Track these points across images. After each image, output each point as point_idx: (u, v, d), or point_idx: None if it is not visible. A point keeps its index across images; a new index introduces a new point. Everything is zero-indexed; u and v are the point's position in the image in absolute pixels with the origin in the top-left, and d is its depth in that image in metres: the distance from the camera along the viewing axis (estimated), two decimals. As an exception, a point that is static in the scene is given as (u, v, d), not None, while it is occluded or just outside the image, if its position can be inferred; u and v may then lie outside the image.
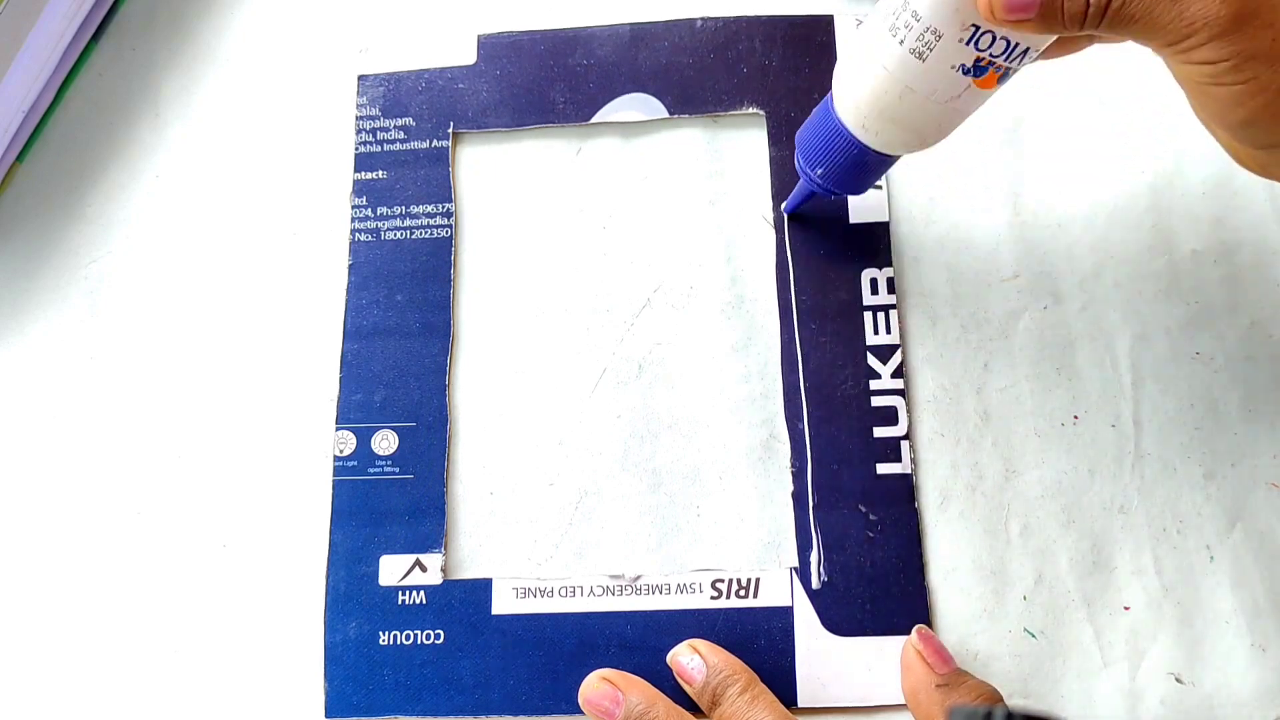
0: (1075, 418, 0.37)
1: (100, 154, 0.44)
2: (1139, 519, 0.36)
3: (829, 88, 0.32)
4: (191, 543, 0.39)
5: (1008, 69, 0.29)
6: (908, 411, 0.37)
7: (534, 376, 0.40)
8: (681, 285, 0.40)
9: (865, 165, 0.33)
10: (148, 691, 0.37)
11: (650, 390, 0.39)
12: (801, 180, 0.36)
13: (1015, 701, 0.34)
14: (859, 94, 0.31)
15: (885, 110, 0.31)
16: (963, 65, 0.29)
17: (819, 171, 0.34)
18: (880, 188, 0.40)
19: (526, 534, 0.38)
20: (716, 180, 0.41)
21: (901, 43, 0.29)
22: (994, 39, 0.28)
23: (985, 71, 0.29)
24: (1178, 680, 0.34)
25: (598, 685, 0.35)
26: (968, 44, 0.28)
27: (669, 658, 0.35)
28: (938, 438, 0.37)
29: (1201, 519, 0.36)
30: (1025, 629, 0.35)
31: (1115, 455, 0.36)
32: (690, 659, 0.35)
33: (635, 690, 0.34)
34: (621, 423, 0.39)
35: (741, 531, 0.37)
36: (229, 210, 0.43)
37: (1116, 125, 0.40)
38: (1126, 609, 0.35)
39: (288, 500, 0.39)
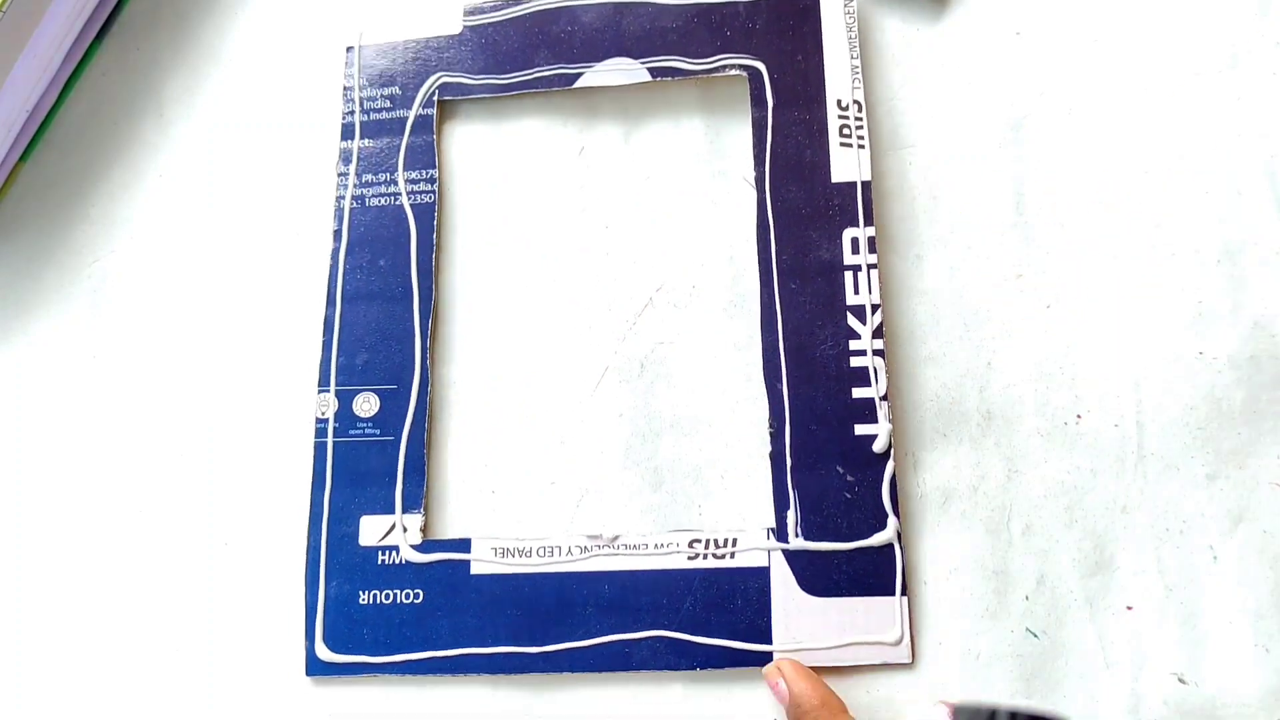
0: (1078, 417, 0.37)
1: (104, 153, 0.45)
2: (1142, 519, 0.36)
3: (813, 50, 0.30)
4: (190, 534, 0.39)
5: None
6: (886, 372, 0.37)
7: (536, 375, 0.40)
8: (684, 284, 0.40)
9: None
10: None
11: (652, 389, 0.39)
12: None
13: (1019, 701, 0.34)
14: None
15: None
16: None
17: None
18: (863, 147, 0.40)
19: (529, 533, 0.38)
20: (719, 180, 0.41)
21: None
22: None
23: None
24: (1180, 681, 0.34)
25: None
26: None
27: (764, 672, 0.35)
28: (940, 437, 0.37)
29: (1204, 519, 0.36)
30: (1027, 629, 0.35)
31: (1118, 455, 0.36)
32: (778, 682, 0.34)
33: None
34: (623, 421, 0.39)
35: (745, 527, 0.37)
36: (232, 210, 0.43)
37: (1118, 125, 0.40)
38: (1129, 609, 0.35)
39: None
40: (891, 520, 0.36)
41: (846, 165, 0.40)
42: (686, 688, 0.36)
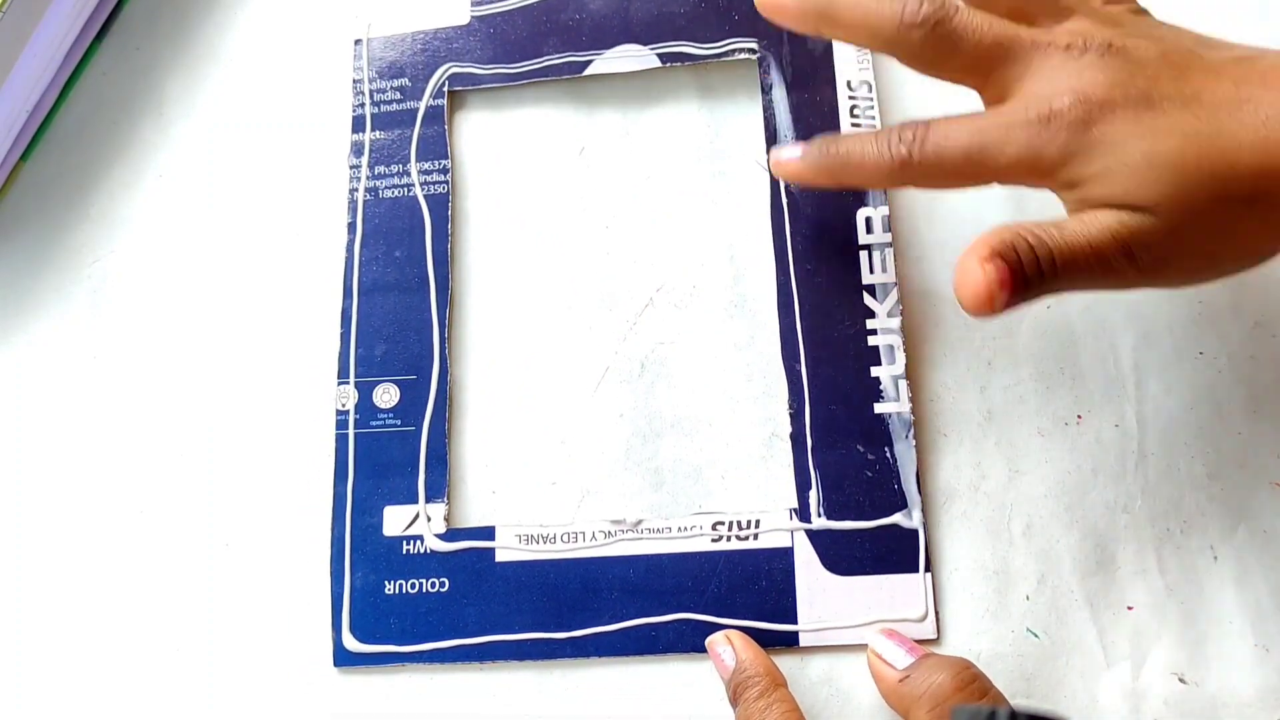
0: (1079, 417, 0.37)
1: (104, 153, 0.45)
2: (1142, 519, 0.36)
3: None
4: (202, 533, 0.39)
5: None
6: (904, 349, 0.37)
7: (536, 375, 0.40)
8: (684, 284, 0.40)
9: None
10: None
11: (652, 389, 0.39)
12: None
13: (1019, 701, 0.34)
14: None
15: None
16: None
17: None
18: (874, 127, 0.40)
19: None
20: (720, 179, 0.41)
21: None
22: None
23: None
24: (1181, 681, 0.34)
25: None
26: None
27: (707, 641, 0.35)
28: (940, 437, 0.37)
29: (1205, 519, 0.36)
30: (1028, 629, 0.35)
31: (1118, 455, 0.36)
32: (724, 649, 0.35)
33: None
34: (624, 421, 0.39)
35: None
36: (232, 209, 0.43)
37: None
38: (1130, 609, 0.35)
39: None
40: (914, 497, 0.36)
41: None
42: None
